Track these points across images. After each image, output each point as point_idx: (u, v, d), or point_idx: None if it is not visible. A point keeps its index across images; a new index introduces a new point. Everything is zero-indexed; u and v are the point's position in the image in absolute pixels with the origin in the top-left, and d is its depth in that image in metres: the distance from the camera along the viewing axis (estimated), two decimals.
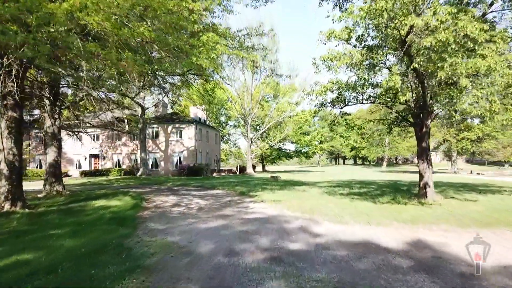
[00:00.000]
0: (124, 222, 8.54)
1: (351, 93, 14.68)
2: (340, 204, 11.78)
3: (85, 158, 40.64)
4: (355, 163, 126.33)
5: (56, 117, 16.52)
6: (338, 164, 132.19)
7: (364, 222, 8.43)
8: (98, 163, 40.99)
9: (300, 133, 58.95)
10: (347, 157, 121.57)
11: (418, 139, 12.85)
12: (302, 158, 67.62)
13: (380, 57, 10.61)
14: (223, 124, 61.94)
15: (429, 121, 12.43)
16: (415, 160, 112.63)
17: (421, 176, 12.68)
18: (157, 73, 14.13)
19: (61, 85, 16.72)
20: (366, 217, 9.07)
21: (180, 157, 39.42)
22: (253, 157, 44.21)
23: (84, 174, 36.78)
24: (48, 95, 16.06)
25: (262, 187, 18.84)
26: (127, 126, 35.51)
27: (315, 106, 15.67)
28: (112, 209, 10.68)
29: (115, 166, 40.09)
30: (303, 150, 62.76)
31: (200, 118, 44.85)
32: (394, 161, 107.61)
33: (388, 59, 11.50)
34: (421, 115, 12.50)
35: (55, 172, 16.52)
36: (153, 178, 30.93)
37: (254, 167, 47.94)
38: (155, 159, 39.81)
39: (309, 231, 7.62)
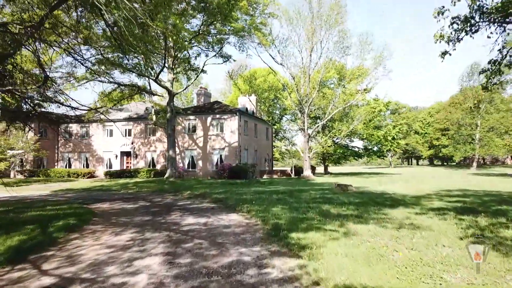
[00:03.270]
0: None
1: None
2: None
3: (116, 157, 35.08)
4: (432, 164, 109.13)
5: None
6: (411, 164, 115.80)
7: None
8: (130, 162, 35.19)
9: (372, 127, 47.99)
10: (423, 157, 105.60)
11: None
12: (373, 158, 56.31)
13: None
14: (278, 118, 53.53)
15: None
16: (508, 161, 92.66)
17: None
18: None
19: None
20: None
21: (221, 155, 31.89)
22: (311, 156, 35.09)
23: (109, 175, 31.01)
24: None
25: (321, 209, 10.03)
26: (154, 117, 28.80)
27: (451, 24, 6.62)
28: None
29: (149, 166, 33.93)
30: (374, 148, 51.61)
31: (247, 108, 37.03)
32: (482, 162, 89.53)
33: None
34: None
35: None
36: (179, 182, 23.66)
37: (313, 168, 38.69)
38: (192, 157, 32.76)
39: None
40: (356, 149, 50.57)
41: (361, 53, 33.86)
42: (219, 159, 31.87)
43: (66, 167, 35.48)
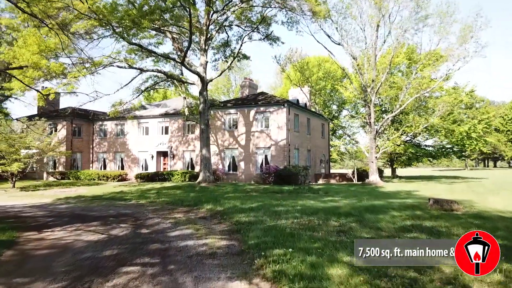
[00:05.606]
0: None
1: None
2: None
3: (152, 157, 31.53)
4: None
5: None
6: (488, 167, 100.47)
7: None
8: (167, 163, 31.45)
9: (450, 122, 39.14)
10: (504, 158, 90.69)
11: None
12: (451, 159, 47.05)
13: None
14: (336, 113, 46.91)
15: None
16: None
17: None
18: None
19: None
20: None
21: (266, 155, 26.67)
22: (378, 157, 28.33)
23: (140, 178, 27.34)
24: None
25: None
26: (186, 110, 24.47)
27: None
28: None
29: (187, 167, 29.89)
30: (454, 148, 42.47)
31: (298, 100, 31.46)
32: None
33: None
34: None
35: None
36: (210, 189, 18.93)
37: (380, 171, 31.68)
38: (233, 157, 27.97)
39: None
40: (431, 149, 42.06)
41: (440, 26, 26.19)
42: (264, 160, 26.67)
43: (101, 169, 32.81)
